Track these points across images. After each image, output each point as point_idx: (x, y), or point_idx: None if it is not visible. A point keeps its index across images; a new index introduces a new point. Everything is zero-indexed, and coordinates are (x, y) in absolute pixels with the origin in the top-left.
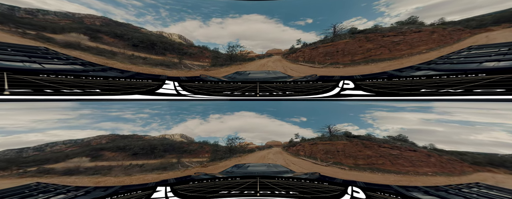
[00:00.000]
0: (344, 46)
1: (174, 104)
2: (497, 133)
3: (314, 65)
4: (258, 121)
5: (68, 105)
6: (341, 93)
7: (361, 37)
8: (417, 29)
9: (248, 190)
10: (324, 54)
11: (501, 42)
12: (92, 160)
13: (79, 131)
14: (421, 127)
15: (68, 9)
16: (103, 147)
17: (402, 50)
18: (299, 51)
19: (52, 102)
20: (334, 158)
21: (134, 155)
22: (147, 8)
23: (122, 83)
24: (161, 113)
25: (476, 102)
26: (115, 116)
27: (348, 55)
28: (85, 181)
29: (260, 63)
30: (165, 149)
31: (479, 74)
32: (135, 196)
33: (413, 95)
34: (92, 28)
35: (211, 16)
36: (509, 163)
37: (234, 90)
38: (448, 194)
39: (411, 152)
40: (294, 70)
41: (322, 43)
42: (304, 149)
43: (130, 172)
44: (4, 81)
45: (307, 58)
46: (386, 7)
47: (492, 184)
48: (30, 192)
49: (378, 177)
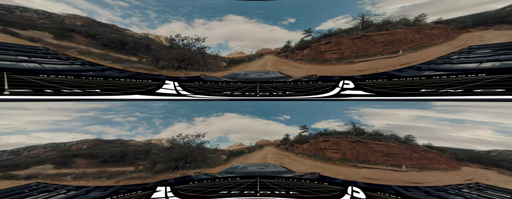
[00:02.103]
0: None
1: (164, 107)
2: (477, 131)
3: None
4: (242, 121)
5: (68, 106)
6: (341, 93)
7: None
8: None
9: (248, 190)
10: (383, 43)
11: (501, 42)
12: (57, 167)
13: (66, 134)
14: (407, 123)
15: (55, 9)
16: (78, 153)
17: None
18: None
19: (52, 102)
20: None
21: (103, 162)
22: (133, 9)
23: (122, 83)
24: (148, 116)
25: (476, 102)
26: (106, 119)
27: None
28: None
29: (258, 64)
30: (136, 157)
31: (479, 74)
32: (135, 196)
33: (413, 95)
34: (67, 27)
35: (212, 17)
36: (484, 159)
37: (234, 90)
38: (448, 194)
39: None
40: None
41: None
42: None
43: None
44: (4, 81)
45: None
46: (372, 6)
47: (490, 184)
48: (30, 192)
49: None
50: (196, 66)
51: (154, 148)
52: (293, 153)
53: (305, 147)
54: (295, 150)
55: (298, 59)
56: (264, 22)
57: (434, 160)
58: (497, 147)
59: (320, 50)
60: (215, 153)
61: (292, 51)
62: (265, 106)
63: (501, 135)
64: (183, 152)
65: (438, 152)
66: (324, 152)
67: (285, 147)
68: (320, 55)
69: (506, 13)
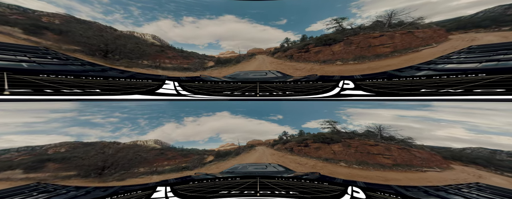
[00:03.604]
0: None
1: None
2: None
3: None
4: (234, 121)
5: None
6: (341, 93)
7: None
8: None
9: (248, 190)
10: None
11: (500, 43)
12: (25, 172)
13: (44, 136)
14: (391, 122)
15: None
16: (52, 158)
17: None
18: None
19: (49, 102)
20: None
21: (75, 167)
22: (113, 5)
23: (122, 83)
24: (133, 117)
25: (476, 102)
26: (92, 119)
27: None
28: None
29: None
30: (104, 159)
31: (479, 74)
32: (135, 196)
33: (413, 95)
34: (40, 25)
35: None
36: (462, 157)
37: (234, 90)
38: (448, 194)
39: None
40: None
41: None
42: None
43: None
44: (4, 81)
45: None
46: (358, 9)
47: (490, 184)
48: (29, 192)
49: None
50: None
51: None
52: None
53: (337, 148)
54: (311, 153)
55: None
56: (256, 22)
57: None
58: (471, 145)
59: (369, 44)
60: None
61: (305, 49)
62: (265, 106)
63: (472, 133)
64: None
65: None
66: (375, 158)
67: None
68: (367, 50)
69: (480, 19)
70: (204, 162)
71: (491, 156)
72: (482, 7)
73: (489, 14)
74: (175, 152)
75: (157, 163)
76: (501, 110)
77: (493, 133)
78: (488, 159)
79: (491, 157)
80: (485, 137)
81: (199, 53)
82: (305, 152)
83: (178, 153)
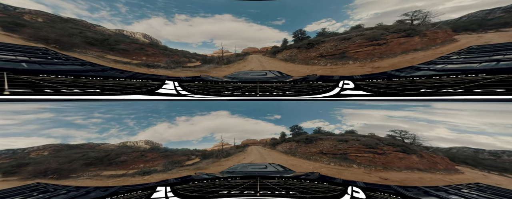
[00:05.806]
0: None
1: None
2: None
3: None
4: (231, 120)
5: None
6: (341, 93)
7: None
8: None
9: (248, 190)
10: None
11: (500, 43)
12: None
13: (23, 138)
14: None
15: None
16: (31, 161)
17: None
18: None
19: (52, 102)
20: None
21: (50, 171)
22: (99, 2)
23: (122, 83)
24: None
25: (476, 102)
26: (78, 120)
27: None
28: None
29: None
30: (90, 163)
31: (479, 74)
32: (135, 196)
33: (413, 95)
34: (18, 22)
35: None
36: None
37: (234, 90)
38: (448, 194)
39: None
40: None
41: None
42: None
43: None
44: (4, 81)
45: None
46: (351, 11)
47: (490, 184)
48: (30, 192)
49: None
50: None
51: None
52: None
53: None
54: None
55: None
56: (253, 22)
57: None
58: (456, 144)
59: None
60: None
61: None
62: (265, 106)
63: (455, 133)
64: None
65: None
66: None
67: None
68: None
69: (464, 23)
70: (183, 164)
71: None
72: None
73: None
74: (156, 153)
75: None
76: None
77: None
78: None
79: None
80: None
81: (190, 51)
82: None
83: (160, 155)
